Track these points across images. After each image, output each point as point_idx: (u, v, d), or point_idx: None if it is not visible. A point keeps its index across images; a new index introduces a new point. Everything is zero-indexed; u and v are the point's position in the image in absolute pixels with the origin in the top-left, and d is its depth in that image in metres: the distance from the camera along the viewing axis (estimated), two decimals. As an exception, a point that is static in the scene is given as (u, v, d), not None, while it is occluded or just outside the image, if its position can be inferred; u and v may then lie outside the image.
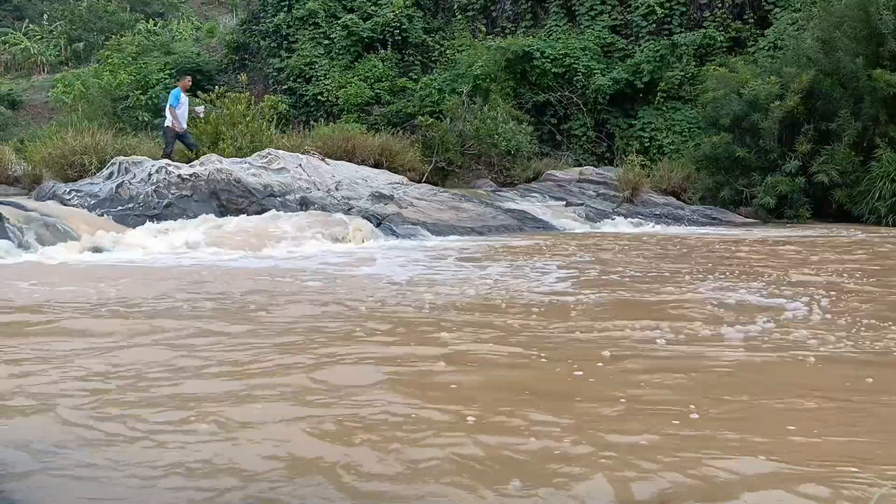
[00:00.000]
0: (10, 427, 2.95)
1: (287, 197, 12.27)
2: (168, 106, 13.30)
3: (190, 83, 13.67)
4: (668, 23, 20.38)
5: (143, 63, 22.19)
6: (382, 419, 3.05)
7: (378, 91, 20.90)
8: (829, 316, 5.14)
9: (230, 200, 11.75)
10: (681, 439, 2.86)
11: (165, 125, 13.52)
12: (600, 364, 3.95)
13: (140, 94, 20.95)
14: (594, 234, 12.47)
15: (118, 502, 2.37)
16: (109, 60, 21.98)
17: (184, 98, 13.35)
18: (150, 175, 11.78)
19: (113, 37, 24.92)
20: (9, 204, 10.22)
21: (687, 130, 19.26)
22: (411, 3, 22.47)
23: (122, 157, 12.36)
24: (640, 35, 20.52)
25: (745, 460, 2.64)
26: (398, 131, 18.49)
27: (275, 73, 22.36)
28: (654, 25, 20.40)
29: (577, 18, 21.29)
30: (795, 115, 15.46)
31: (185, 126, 13.39)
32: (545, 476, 2.51)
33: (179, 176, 11.84)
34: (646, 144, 19.55)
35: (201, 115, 13.81)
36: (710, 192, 16.46)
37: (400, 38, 22.08)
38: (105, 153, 13.17)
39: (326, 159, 14.23)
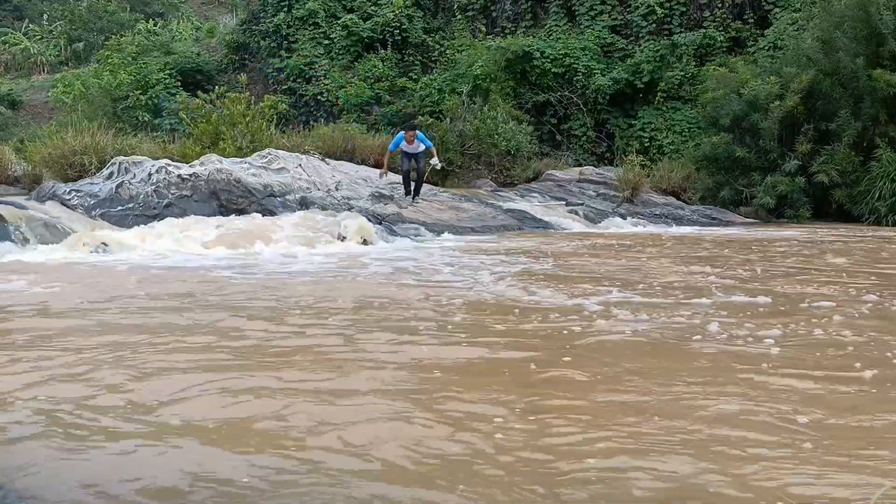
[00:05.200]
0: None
1: (287, 197, 12.28)
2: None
3: (413, 139, 12.65)
4: (668, 23, 20.40)
5: (143, 63, 22.20)
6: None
7: (378, 91, 20.92)
8: None
9: (230, 200, 11.75)
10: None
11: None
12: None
13: (140, 94, 20.97)
14: (602, 234, 12.46)
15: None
16: (109, 60, 22.00)
17: (404, 145, 12.80)
18: (150, 175, 11.78)
19: (113, 37, 24.93)
20: (9, 204, 10.22)
21: (687, 130, 19.28)
22: (411, 3, 22.49)
23: (122, 157, 12.36)
24: (640, 35, 20.53)
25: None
26: (398, 131, 18.47)
27: (275, 73, 22.37)
28: (654, 25, 20.42)
29: (577, 18, 21.31)
30: (795, 115, 15.48)
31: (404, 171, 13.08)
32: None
33: (179, 176, 11.84)
34: (646, 144, 19.57)
35: (437, 166, 13.38)
36: (710, 192, 16.48)
37: (400, 38, 22.10)
38: (105, 153, 13.16)
39: (326, 159, 14.25)
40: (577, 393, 3.38)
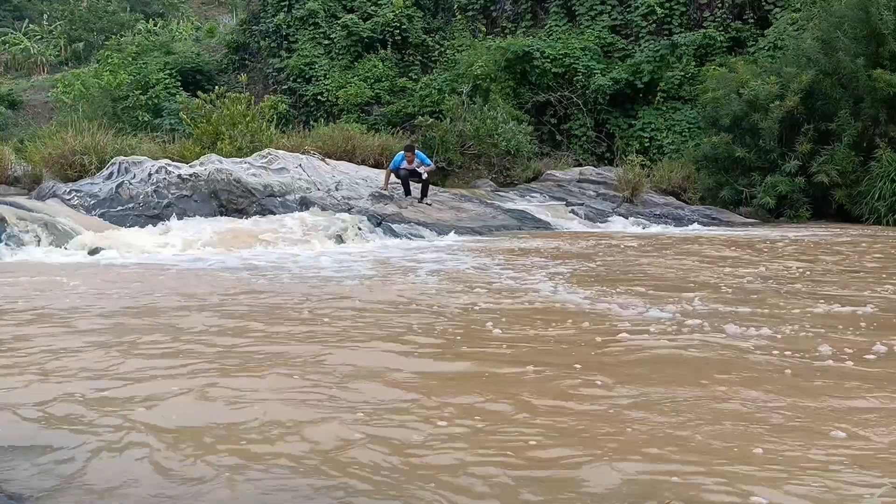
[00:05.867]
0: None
1: (287, 197, 12.29)
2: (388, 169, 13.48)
3: (412, 159, 13.04)
4: (668, 23, 20.38)
5: (143, 63, 22.19)
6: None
7: (378, 91, 20.91)
8: None
9: (230, 200, 11.76)
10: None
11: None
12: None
13: (140, 94, 20.96)
14: (607, 234, 12.41)
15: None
16: (109, 60, 21.98)
17: (404, 164, 13.10)
18: (149, 175, 11.79)
19: (113, 37, 24.92)
20: (9, 204, 10.22)
21: (687, 130, 19.27)
22: (411, 3, 22.47)
23: (122, 157, 12.37)
24: (640, 35, 20.52)
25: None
26: (398, 131, 18.50)
27: (275, 73, 22.37)
28: (654, 25, 20.41)
29: (577, 18, 21.30)
30: (795, 115, 15.48)
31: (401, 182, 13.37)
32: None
33: (179, 176, 11.85)
34: (646, 144, 19.56)
35: (423, 175, 13.39)
36: (710, 192, 16.48)
37: (400, 38, 22.09)
38: (105, 153, 13.17)
39: (326, 159, 14.24)
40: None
